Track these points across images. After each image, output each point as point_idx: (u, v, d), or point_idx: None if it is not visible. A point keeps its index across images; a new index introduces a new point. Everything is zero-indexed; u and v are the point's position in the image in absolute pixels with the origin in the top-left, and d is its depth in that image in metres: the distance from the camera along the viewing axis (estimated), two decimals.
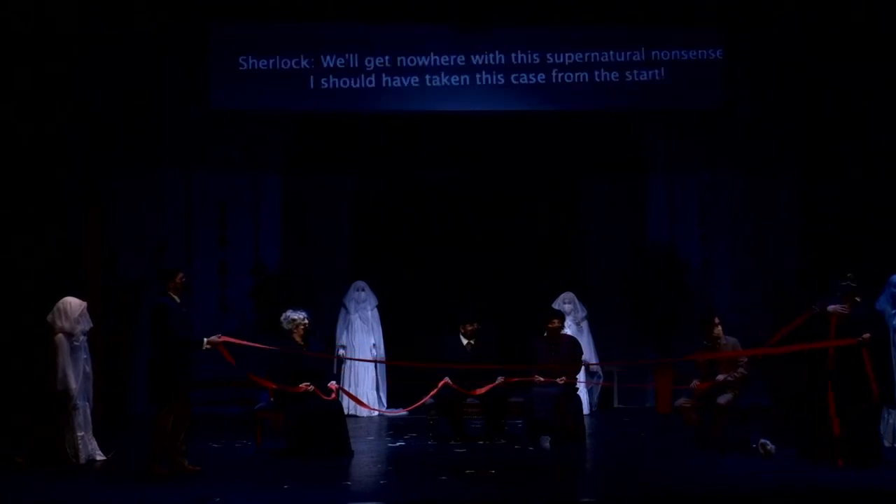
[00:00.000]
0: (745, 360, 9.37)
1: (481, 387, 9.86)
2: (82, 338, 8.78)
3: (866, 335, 8.31)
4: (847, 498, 7.29)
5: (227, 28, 12.52)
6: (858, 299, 8.57)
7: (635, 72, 12.55)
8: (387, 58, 12.48)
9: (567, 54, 12.53)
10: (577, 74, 12.54)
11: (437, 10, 12.40)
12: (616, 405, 12.80)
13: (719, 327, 9.47)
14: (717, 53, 12.56)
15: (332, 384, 9.42)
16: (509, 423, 10.43)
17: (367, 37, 12.50)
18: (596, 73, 12.55)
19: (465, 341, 10.34)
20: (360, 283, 12.55)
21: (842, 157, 12.25)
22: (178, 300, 8.37)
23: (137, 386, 12.53)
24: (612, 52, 12.54)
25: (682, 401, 9.45)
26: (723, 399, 9.19)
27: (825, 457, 8.27)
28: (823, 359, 8.46)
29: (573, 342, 10.39)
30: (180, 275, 8.42)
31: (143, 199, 12.73)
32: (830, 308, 8.49)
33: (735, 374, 9.26)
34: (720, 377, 9.27)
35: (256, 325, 12.64)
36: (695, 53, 12.56)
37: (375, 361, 12.18)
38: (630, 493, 7.61)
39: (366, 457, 9.18)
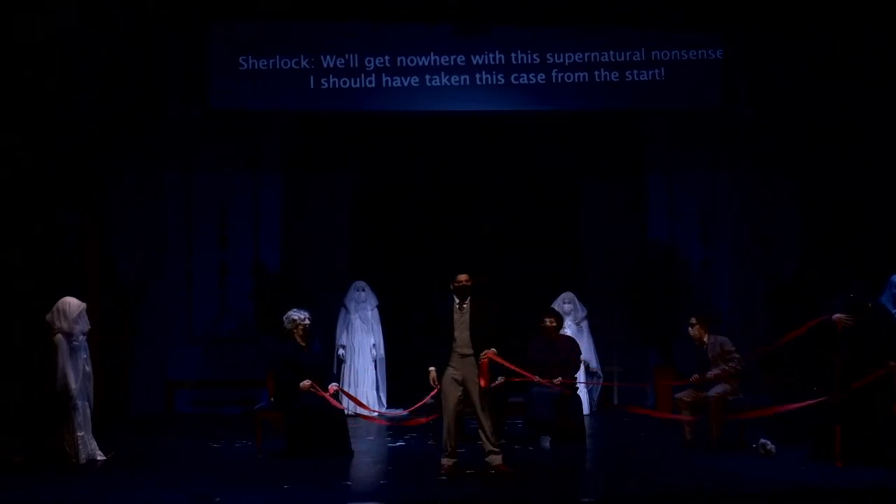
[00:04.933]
0: (738, 354, 9.37)
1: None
2: (81, 338, 8.78)
3: (892, 363, 8.21)
4: (847, 498, 7.29)
5: (227, 28, 12.52)
6: (870, 305, 8.52)
7: (635, 72, 12.55)
8: (387, 58, 12.48)
9: (567, 54, 12.53)
10: (577, 74, 12.54)
11: (437, 10, 12.39)
12: (616, 405, 12.80)
13: (694, 328, 9.45)
14: (717, 53, 12.56)
15: (333, 386, 9.40)
16: (509, 423, 10.42)
17: (367, 37, 12.51)
18: (596, 73, 12.55)
19: None
20: (360, 283, 12.55)
21: (842, 157, 12.25)
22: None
23: (137, 386, 12.57)
24: (612, 52, 12.54)
25: (681, 394, 9.48)
26: (714, 392, 9.20)
27: (832, 457, 8.25)
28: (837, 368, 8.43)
29: (571, 342, 10.39)
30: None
31: (143, 198, 12.73)
32: (835, 317, 8.45)
33: (727, 367, 9.25)
34: (711, 373, 9.28)
35: (257, 325, 12.66)
36: (695, 53, 12.56)
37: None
38: (630, 493, 7.61)
39: (366, 457, 9.18)
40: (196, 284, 13.00)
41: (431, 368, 8.28)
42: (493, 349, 8.13)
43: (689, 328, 9.52)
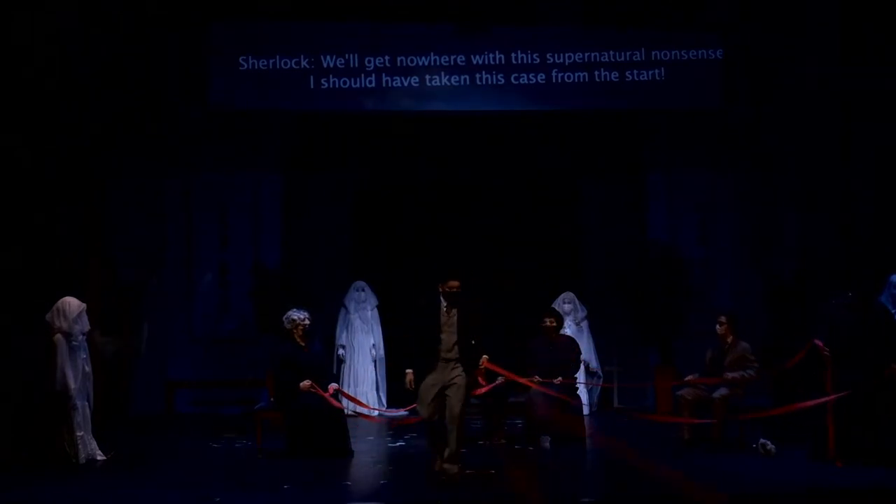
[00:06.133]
0: (757, 363, 9.41)
1: (481, 387, 9.85)
2: (81, 337, 8.78)
3: (894, 365, 8.23)
4: (847, 498, 7.29)
5: (227, 28, 12.53)
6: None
7: (635, 72, 12.56)
8: (387, 58, 12.48)
9: (567, 54, 12.54)
10: (577, 74, 12.55)
11: (437, 10, 12.40)
12: (616, 405, 12.81)
13: (722, 327, 9.52)
14: (717, 53, 12.56)
15: (333, 386, 9.41)
16: (509, 423, 10.42)
17: (367, 37, 12.51)
18: (596, 73, 12.56)
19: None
20: (360, 283, 12.56)
21: (842, 157, 12.25)
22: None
23: (137, 386, 12.56)
24: (612, 52, 12.54)
25: (683, 391, 9.51)
26: (718, 394, 9.23)
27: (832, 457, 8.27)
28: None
29: (571, 342, 10.39)
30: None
31: (143, 198, 12.74)
32: (822, 347, 8.52)
33: (745, 374, 9.31)
34: (730, 375, 9.31)
35: (257, 325, 12.66)
36: (695, 53, 12.57)
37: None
38: (630, 493, 7.61)
39: (366, 457, 9.18)
40: (196, 284, 13.00)
41: (409, 371, 8.03)
42: (485, 356, 8.06)
43: (718, 326, 9.61)
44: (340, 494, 7.51)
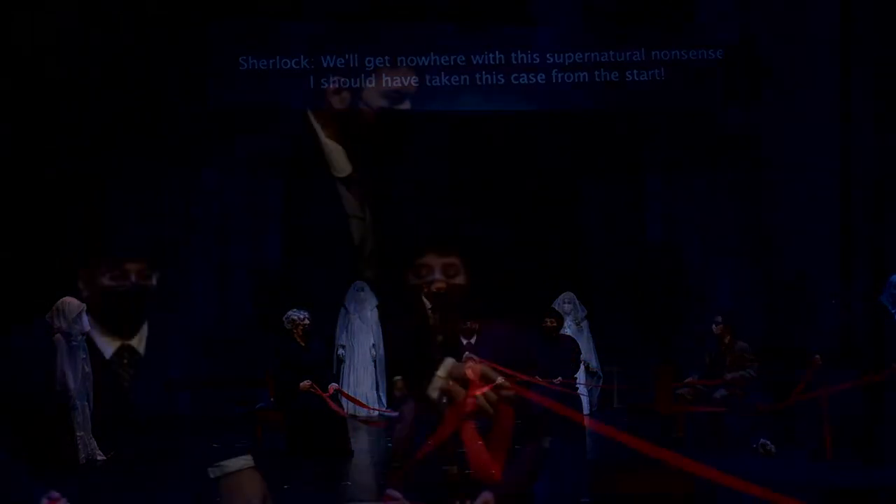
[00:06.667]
0: (757, 363, 9.43)
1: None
2: (81, 338, 8.78)
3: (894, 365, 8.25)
4: (847, 498, 7.29)
5: (227, 27, 12.53)
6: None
7: (635, 72, 12.55)
8: (387, 58, 12.48)
9: (567, 54, 12.53)
10: (577, 74, 12.54)
11: (437, 10, 12.40)
12: (616, 405, 12.80)
13: (718, 327, 9.53)
14: (717, 53, 12.55)
15: (333, 386, 9.41)
16: None
17: (367, 37, 12.51)
18: (596, 73, 12.55)
19: (464, 340, 10.30)
20: (360, 284, 12.55)
21: (841, 156, 12.25)
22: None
23: (137, 386, 12.55)
24: (612, 52, 12.54)
25: (684, 391, 9.53)
26: (718, 394, 9.26)
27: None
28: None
29: (571, 342, 10.39)
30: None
31: (143, 198, 12.73)
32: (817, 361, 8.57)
33: (745, 374, 9.33)
34: (729, 375, 9.34)
35: (257, 325, 12.65)
36: (695, 53, 12.56)
37: None
38: (630, 493, 7.60)
39: (366, 457, 9.18)
40: (196, 284, 12.99)
41: (398, 378, 7.89)
42: (472, 357, 8.04)
43: (714, 325, 9.66)
44: (340, 494, 7.51)
